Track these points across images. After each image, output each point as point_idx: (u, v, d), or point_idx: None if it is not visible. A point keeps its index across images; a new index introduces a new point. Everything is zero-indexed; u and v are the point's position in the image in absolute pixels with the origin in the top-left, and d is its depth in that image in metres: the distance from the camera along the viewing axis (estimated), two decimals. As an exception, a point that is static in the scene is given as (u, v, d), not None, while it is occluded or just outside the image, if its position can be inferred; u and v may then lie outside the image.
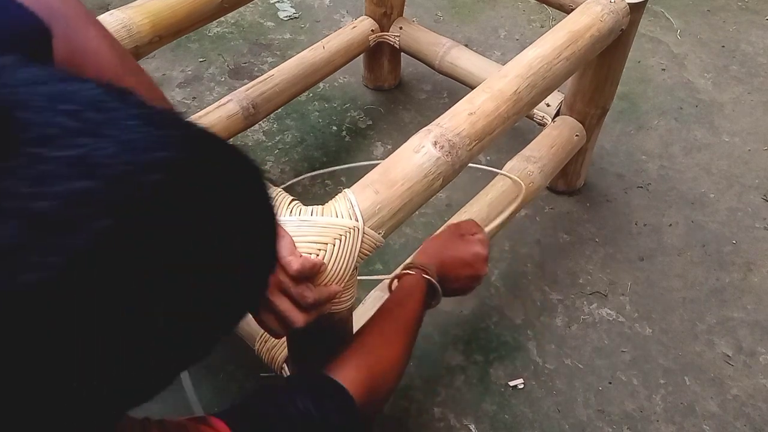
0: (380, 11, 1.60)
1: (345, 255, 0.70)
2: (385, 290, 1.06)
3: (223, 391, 1.18)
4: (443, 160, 0.82)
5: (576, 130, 1.38)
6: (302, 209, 0.73)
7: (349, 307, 0.77)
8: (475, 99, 0.91)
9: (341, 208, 0.73)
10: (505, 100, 0.92)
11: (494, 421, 1.17)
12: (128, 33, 1.02)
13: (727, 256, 1.45)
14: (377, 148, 1.64)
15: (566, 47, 1.02)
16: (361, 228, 0.72)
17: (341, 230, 0.71)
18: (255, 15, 2.02)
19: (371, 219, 0.74)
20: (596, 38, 1.07)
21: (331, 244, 0.70)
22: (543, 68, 0.98)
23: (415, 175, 0.79)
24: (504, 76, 0.95)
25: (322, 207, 0.73)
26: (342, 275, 0.71)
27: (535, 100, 0.98)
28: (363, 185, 0.77)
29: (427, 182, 0.80)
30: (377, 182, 0.77)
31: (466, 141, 0.85)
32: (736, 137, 1.72)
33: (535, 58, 0.99)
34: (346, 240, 0.71)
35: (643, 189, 1.58)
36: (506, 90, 0.93)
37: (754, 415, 1.20)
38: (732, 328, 1.32)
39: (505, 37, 1.99)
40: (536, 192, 1.29)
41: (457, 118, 0.87)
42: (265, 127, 1.67)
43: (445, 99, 1.78)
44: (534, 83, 0.96)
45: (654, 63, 1.93)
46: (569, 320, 1.32)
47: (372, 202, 0.75)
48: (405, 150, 0.82)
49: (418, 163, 0.80)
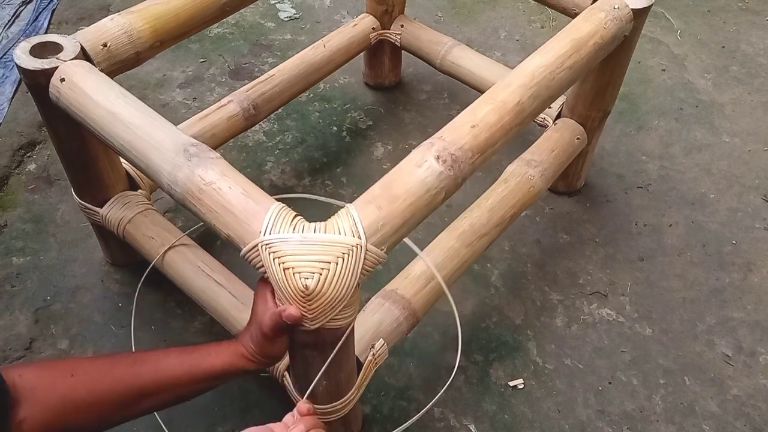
0: (381, 9, 1.60)
1: (348, 272, 0.70)
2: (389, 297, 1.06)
3: (223, 391, 1.18)
4: (446, 174, 0.81)
5: (577, 133, 1.37)
6: (305, 226, 0.72)
7: (351, 322, 0.77)
8: (477, 110, 0.90)
9: (344, 224, 0.72)
10: (508, 111, 0.90)
11: (494, 421, 1.17)
12: (129, 38, 1.02)
13: (727, 256, 1.45)
14: (377, 149, 1.64)
15: (569, 56, 1.01)
16: (364, 245, 0.72)
17: (344, 248, 0.70)
18: (255, 16, 2.02)
19: (374, 236, 0.73)
20: (599, 46, 1.06)
21: (334, 263, 0.69)
22: (546, 78, 0.97)
23: (418, 190, 0.79)
24: (507, 86, 0.94)
25: (325, 223, 0.73)
26: (345, 292, 0.71)
27: (537, 110, 0.97)
28: (365, 201, 0.76)
29: (429, 197, 0.79)
30: (380, 198, 0.76)
31: (468, 154, 0.84)
32: (737, 138, 1.72)
33: (538, 68, 0.97)
34: (349, 258, 0.70)
35: (643, 189, 1.58)
36: (509, 101, 0.92)
37: (754, 415, 1.20)
38: (732, 329, 1.32)
39: (505, 37, 1.99)
40: (537, 196, 1.28)
41: (459, 130, 0.86)
42: (266, 127, 1.67)
43: (446, 99, 1.78)
44: (537, 93, 0.95)
45: (654, 63, 1.93)
46: (569, 320, 1.32)
47: (375, 218, 0.74)
48: (407, 164, 0.81)
49: (420, 178, 0.79)
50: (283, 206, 0.74)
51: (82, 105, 0.90)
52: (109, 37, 1.00)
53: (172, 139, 0.83)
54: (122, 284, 1.33)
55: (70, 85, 0.91)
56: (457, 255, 1.13)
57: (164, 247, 1.14)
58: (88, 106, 0.89)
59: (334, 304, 0.71)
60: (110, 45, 1.00)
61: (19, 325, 1.26)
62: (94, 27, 1.01)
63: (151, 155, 0.83)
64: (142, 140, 0.84)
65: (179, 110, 1.70)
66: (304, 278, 0.69)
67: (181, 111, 1.69)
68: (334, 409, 0.92)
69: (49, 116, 1.03)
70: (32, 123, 1.64)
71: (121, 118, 0.87)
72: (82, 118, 0.91)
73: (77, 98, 0.90)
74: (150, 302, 1.30)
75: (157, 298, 1.31)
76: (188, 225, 1.42)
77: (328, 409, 0.92)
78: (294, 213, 0.74)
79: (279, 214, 0.73)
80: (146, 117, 0.86)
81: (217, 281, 1.09)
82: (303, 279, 0.68)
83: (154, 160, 0.82)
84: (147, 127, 0.85)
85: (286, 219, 0.72)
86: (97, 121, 0.88)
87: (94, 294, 1.32)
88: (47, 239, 1.40)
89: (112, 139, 0.87)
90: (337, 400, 0.92)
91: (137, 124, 0.86)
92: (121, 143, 0.86)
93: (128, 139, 0.85)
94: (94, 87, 0.90)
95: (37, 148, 1.60)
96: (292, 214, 0.73)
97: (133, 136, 0.85)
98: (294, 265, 0.69)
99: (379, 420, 1.16)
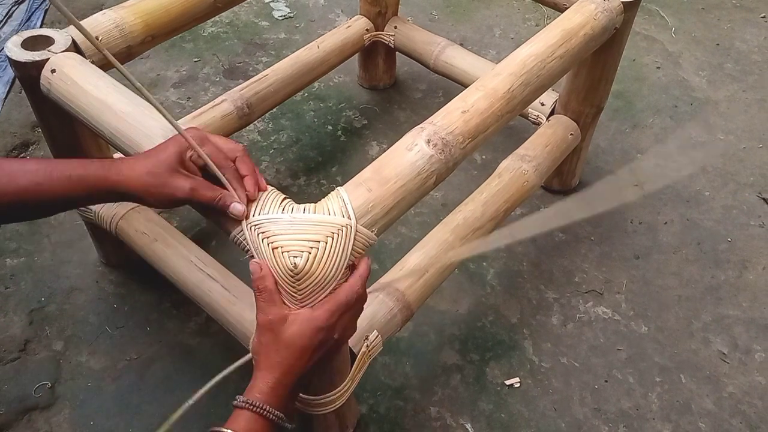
0: (375, 10, 1.60)
1: (337, 252, 0.70)
2: (382, 289, 1.06)
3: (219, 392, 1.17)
4: (436, 158, 0.82)
5: (570, 129, 1.38)
6: (294, 207, 0.73)
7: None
8: (468, 97, 0.91)
9: (334, 205, 0.73)
10: (499, 98, 0.92)
11: (490, 420, 1.17)
12: (120, 33, 1.02)
13: (722, 253, 1.45)
14: (372, 148, 1.64)
15: (560, 45, 1.02)
16: (353, 226, 0.72)
17: (333, 228, 0.71)
18: (250, 15, 2.01)
19: (364, 217, 0.74)
20: (590, 36, 1.07)
21: (323, 242, 0.70)
22: (536, 66, 0.98)
23: (408, 173, 0.79)
24: (497, 74, 0.95)
25: (315, 205, 0.73)
26: (334, 273, 0.71)
27: (528, 98, 0.98)
28: (356, 183, 0.77)
29: (420, 180, 0.80)
30: (370, 180, 0.77)
31: (459, 139, 0.85)
32: (731, 135, 1.72)
33: (528, 57, 0.99)
34: (338, 237, 0.71)
35: (638, 187, 1.58)
36: (499, 88, 0.93)
37: (749, 412, 1.20)
38: (727, 326, 1.33)
39: (500, 35, 1.99)
40: (531, 191, 1.29)
41: (450, 116, 0.87)
42: (260, 126, 1.67)
43: (441, 98, 1.78)
44: (527, 81, 0.96)
45: (649, 61, 1.93)
46: (565, 319, 1.32)
47: (365, 199, 0.75)
48: (398, 148, 0.82)
49: (411, 161, 0.80)
50: (273, 189, 0.75)
51: (73, 96, 0.90)
52: (100, 31, 1.00)
53: (162, 126, 0.83)
54: (117, 285, 1.33)
55: (61, 76, 0.91)
56: (451, 248, 1.13)
57: (156, 242, 1.13)
58: (79, 95, 0.89)
59: (324, 284, 0.71)
60: (102, 39, 1.00)
61: (13, 326, 1.25)
62: (86, 21, 1.01)
63: (141, 142, 0.83)
64: (133, 127, 0.84)
65: (173, 110, 1.69)
66: (292, 257, 0.68)
67: (175, 110, 1.69)
68: (328, 400, 0.92)
69: (41, 110, 1.03)
70: (25, 123, 1.63)
71: (111, 107, 0.86)
72: (72, 109, 0.91)
73: (68, 89, 0.90)
74: (145, 303, 1.30)
75: (152, 299, 1.30)
76: (183, 226, 1.42)
77: (322, 400, 0.92)
78: (283, 195, 0.74)
79: (268, 196, 0.73)
80: (136, 105, 0.86)
81: (210, 275, 1.08)
82: (292, 258, 0.68)
83: (145, 147, 0.82)
84: (137, 114, 0.85)
85: (275, 201, 0.73)
86: (87, 109, 0.88)
87: (89, 295, 1.31)
88: (41, 240, 1.39)
89: (102, 128, 0.87)
90: (330, 390, 0.92)
91: (127, 112, 0.86)
92: (111, 131, 0.86)
93: (118, 127, 0.85)
94: (85, 77, 0.90)
95: (31, 148, 1.59)
96: (281, 196, 0.74)
97: (123, 124, 0.85)
98: (283, 245, 0.69)
99: (376, 419, 1.16)
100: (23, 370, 1.20)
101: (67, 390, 1.18)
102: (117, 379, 1.19)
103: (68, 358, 1.22)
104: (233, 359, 0.77)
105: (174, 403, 0.70)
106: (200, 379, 0.76)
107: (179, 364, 1.22)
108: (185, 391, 1.18)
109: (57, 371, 1.20)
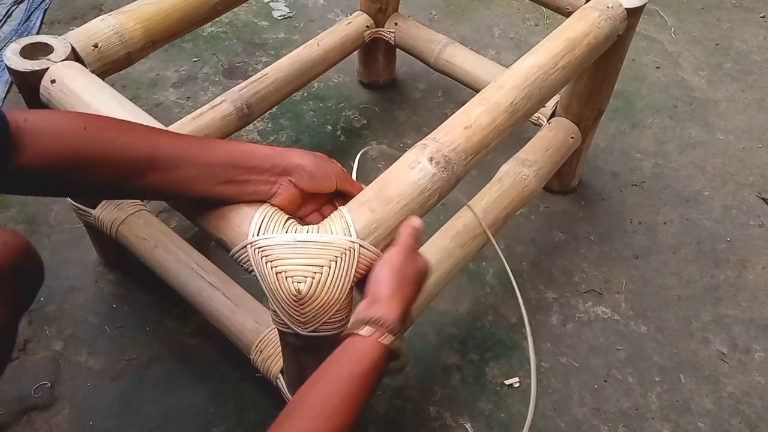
0: (375, 7, 1.59)
1: (341, 276, 0.70)
2: None
3: (218, 392, 1.18)
4: (439, 176, 0.81)
5: (571, 132, 1.37)
6: (298, 228, 0.72)
7: (345, 326, 0.77)
8: (471, 112, 0.90)
9: (337, 227, 0.72)
10: (501, 112, 0.90)
11: (490, 420, 1.17)
12: (120, 39, 1.01)
13: (721, 253, 1.45)
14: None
15: (563, 56, 1.00)
16: (357, 248, 0.71)
17: (338, 251, 0.70)
18: (249, 14, 2.01)
19: (367, 238, 0.73)
20: (593, 45, 1.05)
21: (327, 266, 0.69)
22: (539, 78, 0.96)
23: (411, 192, 0.78)
24: (500, 87, 0.94)
25: (318, 226, 0.72)
26: (338, 296, 0.70)
27: (530, 111, 0.96)
28: (359, 203, 0.76)
29: (422, 199, 0.79)
30: (373, 200, 0.76)
31: (462, 156, 0.84)
32: (731, 135, 1.72)
33: (531, 68, 0.97)
34: (342, 261, 0.70)
35: (638, 187, 1.58)
36: (502, 102, 0.91)
37: (749, 412, 1.20)
38: (727, 326, 1.33)
39: (499, 35, 1.99)
40: (532, 196, 1.28)
41: (452, 132, 0.86)
42: (260, 126, 1.67)
43: (440, 98, 1.78)
44: (530, 94, 0.94)
45: (648, 61, 1.93)
46: (564, 318, 1.32)
47: (368, 221, 0.74)
48: (400, 166, 0.81)
49: (413, 180, 0.79)
50: (276, 209, 0.74)
51: (73, 108, 0.89)
52: (100, 38, 0.99)
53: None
54: (116, 285, 1.33)
55: (61, 87, 0.90)
56: (452, 255, 1.12)
57: (157, 248, 1.13)
58: (79, 108, 0.88)
59: (327, 308, 0.70)
60: (101, 46, 0.99)
61: (12, 326, 1.25)
62: (84, 28, 1.00)
63: None
64: None
65: (173, 110, 1.69)
66: (296, 282, 0.68)
67: (174, 110, 1.69)
68: None
69: (39, 117, 1.02)
70: (25, 123, 1.63)
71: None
72: None
73: (68, 100, 0.89)
74: (145, 302, 1.30)
75: (152, 299, 1.30)
76: (182, 226, 1.42)
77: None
78: (286, 216, 0.73)
79: (272, 217, 0.72)
80: (137, 119, 0.86)
81: (212, 283, 1.08)
82: (296, 283, 0.68)
83: None
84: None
85: (279, 221, 0.72)
86: None
87: (88, 295, 1.31)
88: (41, 240, 1.39)
89: None
90: None
91: None
92: None
93: None
94: (85, 89, 0.89)
95: (30, 148, 1.59)
96: (285, 216, 0.73)
97: None
98: (287, 269, 0.68)
99: (375, 419, 1.16)
100: (22, 370, 1.20)
101: (67, 390, 1.18)
102: (116, 379, 1.20)
103: (68, 358, 1.22)
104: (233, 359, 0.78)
105: (174, 403, 0.70)
106: (200, 379, 0.76)
107: (179, 364, 1.22)
108: (185, 391, 1.18)
109: (56, 371, 1.20)
